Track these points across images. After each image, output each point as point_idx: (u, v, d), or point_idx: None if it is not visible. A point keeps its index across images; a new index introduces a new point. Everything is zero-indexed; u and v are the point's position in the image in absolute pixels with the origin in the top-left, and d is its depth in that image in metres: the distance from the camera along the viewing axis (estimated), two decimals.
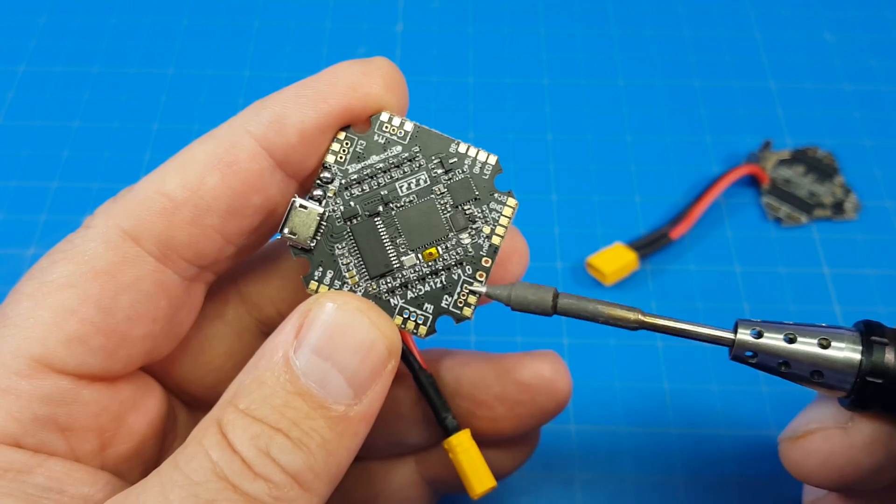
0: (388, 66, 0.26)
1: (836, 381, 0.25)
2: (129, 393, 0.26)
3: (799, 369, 0.25)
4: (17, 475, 0.22)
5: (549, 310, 0.25)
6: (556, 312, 0.25)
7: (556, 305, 0.25)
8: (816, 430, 0.27)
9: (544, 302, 0.25)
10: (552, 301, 0.25)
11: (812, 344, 0.25)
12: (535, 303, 0.25)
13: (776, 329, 0.25)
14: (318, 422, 0.22)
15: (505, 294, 0.26)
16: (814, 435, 0.27)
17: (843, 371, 0.25)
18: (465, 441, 0.29)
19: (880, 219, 0.48)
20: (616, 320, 0.25)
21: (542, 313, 0.26)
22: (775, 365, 0.25)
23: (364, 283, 0.26)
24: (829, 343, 0.25)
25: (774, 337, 0.25)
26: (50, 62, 0.55)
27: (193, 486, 0.20)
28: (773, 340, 0.25)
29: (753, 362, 0.25)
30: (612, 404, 0.42)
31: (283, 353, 0.22)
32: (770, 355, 0.25)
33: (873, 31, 0.57)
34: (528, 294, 0.25)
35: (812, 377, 0.25)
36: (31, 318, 0.23)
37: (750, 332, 0.25)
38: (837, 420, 0.26)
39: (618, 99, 0.54)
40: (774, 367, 0.25)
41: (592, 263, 0.45)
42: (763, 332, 0.25)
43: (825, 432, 0.27)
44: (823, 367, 0.25)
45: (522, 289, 0.25)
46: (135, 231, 0.24)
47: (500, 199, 0.26)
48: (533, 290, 0.25)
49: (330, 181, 0.26)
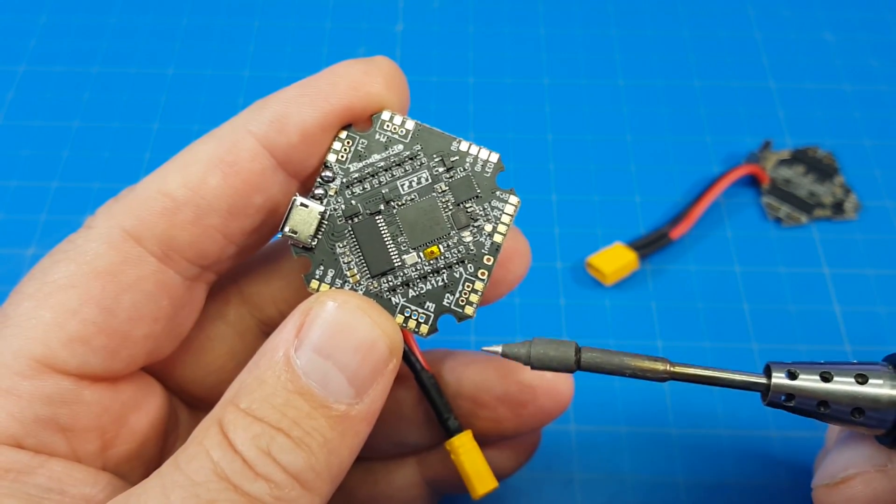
0: (390, 65, 0.26)
1: (877, 419, 0.24)
2: (130, 393, 0.26)
3: (838, 409, 0.24)
4: (18, 476, 0.22)
5: (572, 366, 0.24)
6: (580, 368, 0.24)
7: (580, 360, 0.24)
8: (855, 475, 0.26)
9: (567, 358, 0.24)
10: (575, 356, 0.24)
11: (849, 382, 0.24)
12: (558, 359, 0.24)
13: (809, 369, 0.24)
14: (319, 421, 0.22)
15: (524, 353, 0.25)
16: (853, 480, 0.26)
17: (885, 408, 0.23)
18: (467, 442, 0.29)
19: (880, 219, 0.48)
20: (644, 372, 0.24)
21: (564, 370, 0.24)
22: (813, 407, 0.24)
23: (365, 281, 0.26)
24: (867, 379, 0.24)
25: (810, 378, 0.24)
26: (50, 62, 0.55)
27: (194, 487, 0.20)
28: (809, 381, 0.24)
29: (790, 406, 0.24)
30: (612, 404, 0.42)
31: (284, 351, 0.22)
32: (807, 397, 0.24)
33: (873, 31, 0.57)
34: (549, 350, 0.24)
35: (853, 416, 0.24)
36: (33, 319, 0.23)
37: (784, 374, 0.24)
38: (875, 462, 0.26)
39: (618, 99, 0.54)
40: (812, 409, 0.24)
41: (592, 263, 0.45)
42: (798, 372, 0.24)
43: (865, 476, 0.26)
44: (864, 404, 0.23)
45: (543, 345, 0.24)
46: (136, 231, 0.24)
47: (502, 197, 0.26)
48: (554, 346, 0.24)
49: (331, 180, 0.26)
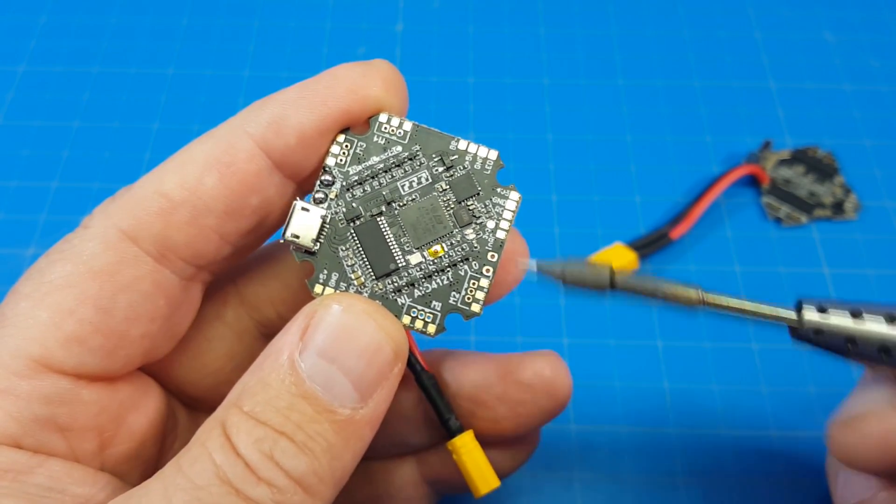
0: (388, 68, 0.26)
1: None
2: (128, 393, 0.26)
3: (865, 347, 0.23)
4: (17, 475, 0.22)
5: (606, 285, 0.24)
6: (614, 288, 0.24)
7: (615, 281, 0.24)
8: (871, 412, 0.26)
9: (601, 277, 0.24)
10: (610, 277, 0.24)
11: (879, 320, 0.23)
12: (592, 278, 0.24)
13: (840, 306, 0.24)
14: (323, 425, 0.22)
15: (559, 270, 0.24)
16: (869, 417, 0.26)
17: None
18: (469, 442, 0.29)
19: (880, 219, 0.48)
20: (676, 298, 0.24)
21: (598, 289, 0.24)
22: (841, 343, 0.24)
23: (370, 283, 0.26)
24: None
25: (840, 314, 0.24)
26: (50, 62, 0.55)
27: (196, 490, 0.20)
28: (840, 318, 0.24)
29: (819, 340, 0.24)
30: (612, 404, 0.42)
31: (289, 354, 0.22)
32: (837, 333, 0.23)
33: (873, 31, 0.57)
34: (583, 269, 0.24)
35: (880, 355, 0.23)
36: (30, 319, 0.23)
37: (814, 308, 0.24)
38: (893, 402, 0.25)
39: (618, 99, 0.54)
40: (840, 345, 0.24)
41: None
42: (828, 307, 0.24)
43: (881, 414, 0.26)
44: (891, 344, 0.23)
45: (578, 265, 0.24)
46: (133, 231, 0.24)
47: (502, 194, 0.26)
48: (589, 267, 0.24)
49: (331, 183, 0.26)
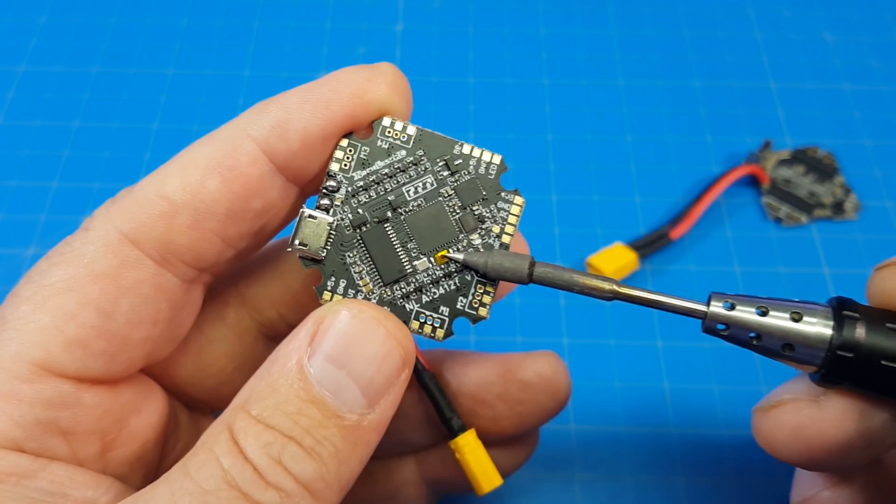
0: (394, 72, 0.26)
1: (807, 356, 0.24)
2: (130, 396, 0.26)
3: (770, 343, 0.24)
4: (20, 480, 0.22)
5: (524, 277, 0.25)
6: (531, 281, 0.25)
7: (532, 274, 0.25)
8: (788, 400, 0.27)
9: (520, 269, 0.25)
10: (528, 269, 0.25)
11: (784, 318, 0.24)
12: (512, 270, 0.25)
13: (749, 302, 0.25)
14: (331, 430, 0.22)
15: (482, 261, 0.25)
16: (785, 405, 0.27)
17: (814, 345, 0.24)
18: (472, 441, 0.29)
19: (880, 219, 0.48)
20: (591, 290, 0.25)
21: (517, 281, 0.25)
22: (746, 338, 0.25)
23: (378, 289, 0.26)
24: (801, 317, 0.24)
25: (747, 310, 0.25)
26: (50, 62, 0.55)
27: (204, 495, 0.20)
28: (745, 313, 0.25)
29: (725, 335, 0.25)
30: (612, 404, 0.42)
31: (297, 360, 0.22)
32: (742, 328, 0.25)
33: (873, 31, 0.57)
34: (504, 261, 0.25)
35: (783, 351, 0.25)
36: (31, 322, 0.23)
37: (723, 304, 0.25)
38: (810, 394, 0.26)
39: (618, 99, 0.54)
40: (746, 340, 0.25)
41: (592, 263, 0.45)
42: (736, 304, 0.25)
43: (796, 403, 0.26)
44: (795, 340, 0.24)
45: (500, 256, 0.25)
46: (134, 234, 0.24)
47: (507, 198, 0.26)
48: (510, 258, 0.25)
49: (336, 189, 0.26)
